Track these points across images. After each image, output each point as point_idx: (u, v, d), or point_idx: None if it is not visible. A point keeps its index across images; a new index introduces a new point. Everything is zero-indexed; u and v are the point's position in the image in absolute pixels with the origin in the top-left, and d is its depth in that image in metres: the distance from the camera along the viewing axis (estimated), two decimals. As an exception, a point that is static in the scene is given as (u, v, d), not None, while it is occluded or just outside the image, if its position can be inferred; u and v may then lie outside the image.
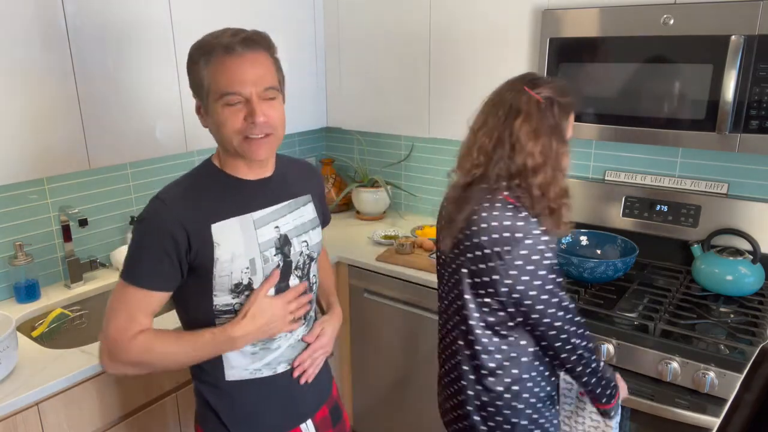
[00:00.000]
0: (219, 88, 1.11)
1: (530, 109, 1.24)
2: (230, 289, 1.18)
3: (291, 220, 1.27)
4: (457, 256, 1.30)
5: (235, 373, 1.23)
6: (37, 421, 1.44)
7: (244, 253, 1.18)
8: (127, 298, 1.14)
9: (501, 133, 1.25)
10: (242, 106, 1.12)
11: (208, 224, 1.15)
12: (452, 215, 1.31)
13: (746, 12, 1.51)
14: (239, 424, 1.25)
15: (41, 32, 1.56)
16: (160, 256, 1.12)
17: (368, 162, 2.89)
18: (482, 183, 1.28)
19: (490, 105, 1.31)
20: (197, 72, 1.14)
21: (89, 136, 1.71)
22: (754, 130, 1.57)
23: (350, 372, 2.45)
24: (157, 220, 1.13)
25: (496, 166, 1.25)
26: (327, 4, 2.40)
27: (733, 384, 1.51)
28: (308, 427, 1.33)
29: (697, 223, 1.99)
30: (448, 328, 1.40)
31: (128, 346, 1.13)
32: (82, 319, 1.93)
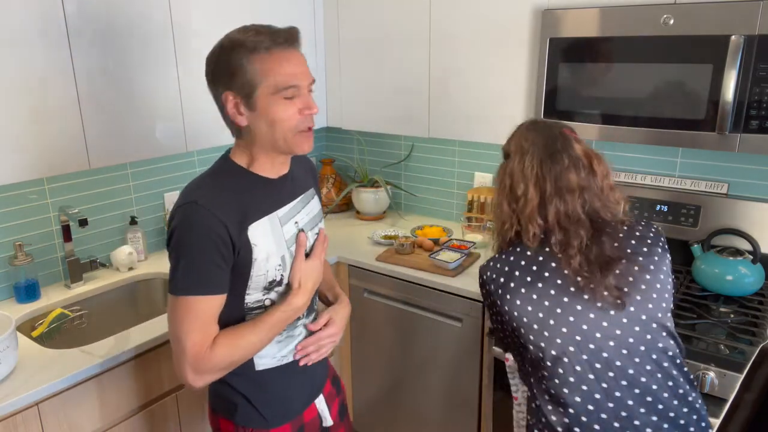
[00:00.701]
0: (277, 82, 1.12)
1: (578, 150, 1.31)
2: (264, 286, 1.22)
3: (305, 214, 1.32)
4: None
5: (264, 362, 1.28)
6: (37, 421, 1.44)
7: (276, 251, 1.21)
8: (196, 310, 1.13)
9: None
10: (297, 99, 1.15)
11: (245, 226, 1.17)
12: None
13: (746, 12, 1.51)
14: (269, 408, 1.30)
15: (41, 32, 1.56)
16: (217, 260, 1.13)
17: (368, 162, 2.89)
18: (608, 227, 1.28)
19: (557, 166, 1.28)
20: (240, 69, 1.13)
21: (89, 136, 1.71)
22: (754, 130, 1.57)
23: (350, 372, 2.45)
24: (205, 226, 1.12)
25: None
26: (327, 4, 2.40)
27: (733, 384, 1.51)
28: (321, 401, 1.42)
29: (697, 223, 1.99)
30: None
31: (212, 356, 1.14)
32: (82, 319, 1.93)
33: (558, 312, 1.20)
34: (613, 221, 1.28)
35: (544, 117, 1.90)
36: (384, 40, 2.29)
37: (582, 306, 1.20)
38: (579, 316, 1.20)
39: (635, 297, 1.20)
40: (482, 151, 2.52)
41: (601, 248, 1.23)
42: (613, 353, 1.18)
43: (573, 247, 1.22)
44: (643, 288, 1.21)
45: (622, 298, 1.19)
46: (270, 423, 1.30)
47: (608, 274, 1.20)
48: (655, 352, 1.20)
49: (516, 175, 1.29)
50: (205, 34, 1.97)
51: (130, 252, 2.11)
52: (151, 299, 2.15)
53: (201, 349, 1.13)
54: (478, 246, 2.29)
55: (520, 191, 1.27)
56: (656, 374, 1.19)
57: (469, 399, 2.09)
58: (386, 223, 2.71)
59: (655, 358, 1.19)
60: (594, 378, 1.18)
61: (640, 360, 1.19)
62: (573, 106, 1.84)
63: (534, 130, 1.32)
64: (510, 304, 1.23)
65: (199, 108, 2.00)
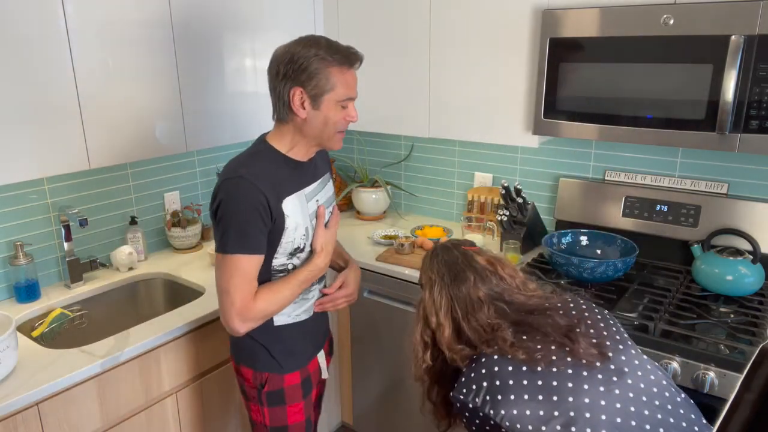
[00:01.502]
0: (345, 93, 1.40)
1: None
2: (290, 252, 1.47)
3: (324, 194, 1.57)
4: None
5: (281, 319, 1.53)
6: (37, 421, 1.44)
7: (302, 222, 1.46)
8: (243, 268, 1.37)
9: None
10: (348, 108, 1.43)
11: (281, 199, 1.41)
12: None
13: (746, 12, 1.51)
14: (284, 357, 1.55)
15: (41, 32, 1.56)
16: (260, 225, 1.37)
17: (368, 162, 2.89)
18: None
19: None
20: (326, 71, 1.37)
21: (89, 136, 1.71)
22: (754, 130, 1.56)
23: (350, 372, 2.45)
24: (250, 195, 1.35)
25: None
26: (327, 4, 2.40)
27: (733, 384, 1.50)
28: (322, 356, 1.69)
29: (697, 223, 2.00)
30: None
31: (255, 306, 1.39)
32: (82, 319, 1.93)
33: (555, 400, 1.10)
34: (544, 304, 1.29)
35: (544, 117, 1.90)
36: (384, 40, 2.29)
37: (573, 382, 1.12)
38: (577, 393, 1.11)
39: (612, 346, 1.18)
40: (482, 151, 2.52)
41: (552, 323, 1.21)
42: (636, 412, 1.10)
43: (504, 346, 1.18)
44: (610, 333, 1.22)
45: (602, 351, 1.16)
46: (284, 369, 1.55)
47: (576, 337, 1.17)
48: (663, 387, 1.18)
49: (428, 307, 1.32)
50: (206, 34, 1.97)
51: (130, 252, 2.11)
52: (151, 299, 2.15)
53: (247, 301, 1.38)
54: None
55: (433, 323, 1.30)
56: (675, 409, 1.14)
57: (469, 399, 2.09)
58: (386, 223, 2.71)
59: (666, 394, 1.16)
60: None
61: (659, 402, 1.13)
62: (573, 106, 1.84)
63: (436, 257, 1.37)
64: (506, 407, 1.11)
65: (199, 108, 2.00)
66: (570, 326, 1.21)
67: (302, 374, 1.59)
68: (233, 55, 2.06)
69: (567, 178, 2.26)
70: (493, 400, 1.13)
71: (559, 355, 1.15)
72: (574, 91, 1.82)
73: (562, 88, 1.84)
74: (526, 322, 1.23)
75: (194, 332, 1.78)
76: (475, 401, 1.15)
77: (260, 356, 1.54)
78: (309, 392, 1.62)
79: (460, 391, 1.19)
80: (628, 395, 1.12)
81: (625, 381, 1.14)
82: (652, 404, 1.13)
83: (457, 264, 1.33)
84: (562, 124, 1.87)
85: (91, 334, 1.86)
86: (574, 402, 1.10)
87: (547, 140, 2.24)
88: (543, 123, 1.91)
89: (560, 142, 2.28)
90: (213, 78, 2.02)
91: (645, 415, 1.11)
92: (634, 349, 1.23)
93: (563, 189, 2.27)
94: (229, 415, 1.98)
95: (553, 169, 2.34)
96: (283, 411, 1.57)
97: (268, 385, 1.54)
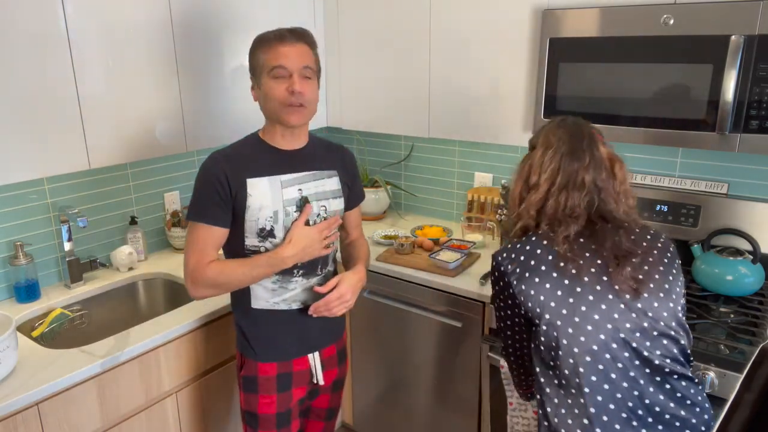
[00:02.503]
0: (270, 63, 1.44)
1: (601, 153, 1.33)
2: (257, 232, 1.49)
3: (313, 186, 1.56)
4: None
5: (258, 303, 1.56)
6: (37, 421, 1.44)
7: (270, 205, 1.48)
8: (197, 235, 1.47)
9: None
10: (285, 80, 1.44)
11: (244, 178, 1.47)
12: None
13: (746, 12, 1.51)
14: (259, 343, 1.57)
15: (41, 32, 1.56)
16: (215, 197, 1.44)
17: (368, 162, 2.89)
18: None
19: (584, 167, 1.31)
20: (255, 55, 1.49)
21: (89, 136, 1.71)
22: (754, 130, 1.56)
23: (350, 372, 2.45)
24: (209, 170, 1.46)
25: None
26: (327, 4, 2.40)
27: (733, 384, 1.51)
28: (314, 358, 1.63)
29: (697, 223, 1.99)
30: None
31: (205, 272, 1.45)
32: (82, 319, 1.93)
33: (571, 302, 1.21)
34: (627, 221, 1.30)
35: (544, 117, 1.90)
36: (384, 41, 2.29)
37: (594, 296, 1.21)
38: (592, 307, 1.20)
39: (649, 286, 1.22)
40: (482, 151, 2.52)
41: (616, 241, 1.25)
42: (629, 341, 1.19)
43: (559, 235, 1.25)
44: (657, 278, 1.23)
45: (638, 287, 1.21)
46: (258, 356, 1.56)
47: (625, 264, 1.22)
48: (664, 341, 1.21)
49: (535, 165, 1.34)
50: (206, 34, 1.97)
51: (130, 252, 2.11)
52: (151, 299, 2.15)
53: (198, 265, 1.46)
54: (478, 246, 2.29)
55: (533, 181, 1.33)
56: (666, 361, 1.21)
57: (469, 398, 2.09)
58: (386, 223, 2.71)
59: (665, 344, 1.21)
60: (615, 372, 1.18)
61: (651, 344, 1.20)
62: (573, 106, 1.84)
63: (563, 127, 1.36)
64: (527, 284, 1.25)
65: (199, 108, 2.00)
66: (628, 252, 1.24)
67: (280, 368, 1.58)
68: (233, 55, 2.06)
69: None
70: (521, 274, 1.26)
71: (597, 271, 1.22)
72: (574, 91, 1.82)
73: (562, 88, 1.84)
74: (596, 227, 1.27)
75: (194, 332, 1.78)
76: (508, 267, 1.28)
77: (239, 337, 1.60)
78: (287, 389, 1.59)
79: (501, 254, 1.31)
80: (635, 334, 1.19)
81: (642, 323, 1.20)
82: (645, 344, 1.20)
83: (581, 140, 1.32)
84: (562, 124, 1.87)
85: (91, 334, 1.86)
86: (585, 312, 1.20)
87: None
88: (543, 123, 1.91)
89: (560, 142, 2.28)
90: (213, 78, 2.02)
91: (636, 363, 1.19)
92: (672, 304, 1.23)
93: (563, 189, 2.26)
94: (229, 415, 1.98)
95: (553, 169, 2.34)
96: (255, 399, 1.58)
97: (244, 369, 1.59)
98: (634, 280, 1.21)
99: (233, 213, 1.48)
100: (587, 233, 1.27)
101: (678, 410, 1.19)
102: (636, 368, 1.19)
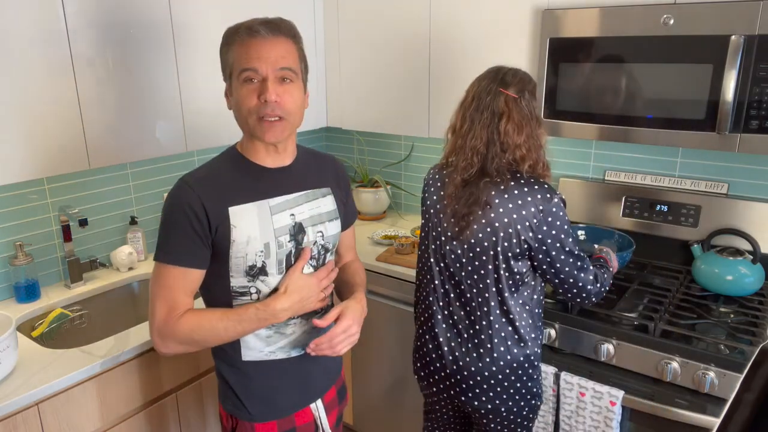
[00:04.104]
0: (239, 65, 1.17)
1: (510, 108, 1.42)
2: (245, 271, 1.23)
3: (307, 209, 1.30)
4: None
5: (250, 354, 1.29)
6: (37, 421, 1.44)
7: (259, 237, 1.22)
8: (166, 279, 1.19)
9: (490, 135, 1.43)
10: (259, 85, 1.17)
11: (225, 206, 1.20)
12: (464, 210, 1.46)
13: (746, 12, 1.51)
14: (254, 401, 1.30)
15: (42, 32, 1.56)
16: (189, 232, 1.17)
17: (368, 162, 2.89)
18: (485, 178, 1.44)
19: (472, 109, 1.47)
20: (224, 53, 1.22)
21: (89, 136, 1.71)
22: (754, 130, 1.56)
23: (350, 372, 2.45)
24: (179, 199, 1.19)
25: (493, 163, 1.43)
26: (327, 4, 2.40)
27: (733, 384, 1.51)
28: (318, 407, 1.39)
29: (697, 223, 1.99)
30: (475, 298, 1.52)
31: (176, 326, 1.18)
32: (82, 319, 1.93)
33: (436, 221, 1.55)
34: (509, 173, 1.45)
35: (544, 117, 1.90)
36: (384, 40, 2.29)
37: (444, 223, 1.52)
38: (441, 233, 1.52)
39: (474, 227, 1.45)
40: (482, 151, 2.52)
41: (476, 190, 1.44)
42: (453, 269, 1.51)
43: (457, 172, 1.47)
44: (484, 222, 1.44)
45: (462, 230, 1.47)
46: (254, 417, 1.30)
47: (468, 210, 1.45)
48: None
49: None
50: (205, 34, 1.97)
51: (130, 252, 2.11)
52: (151, 299, 2.15)
53: (168, 318, 1.18)
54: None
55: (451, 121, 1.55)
56: (482, 293, 1.47)
57: (469, 399, 2.09)
58: (386, 223, 2.71)
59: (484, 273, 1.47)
60: (442, 289, 1.54)
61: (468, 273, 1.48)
62: (573, 106, 1.84)
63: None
64: (427, 198, 1.60)
65: (199, 108, 2.00)
66: (474, 203, 1.45)
67: (282, 427, 1.32)
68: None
69: (567, 178, 2.26)
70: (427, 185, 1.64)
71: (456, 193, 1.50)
72: (574, 91, 1.82)
73: (562, 88, 1.84)
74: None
75: (194, 332, 1.78)
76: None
77: (228, 395, 1.32)
78: None
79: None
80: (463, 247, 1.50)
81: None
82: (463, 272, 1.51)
83: (489, 94, 1.45)
84: (562, 124, 1.88)
85: (91, 334, 1.86)
86: (432, 213, 1.58)
87: (547, 140, 2.24)
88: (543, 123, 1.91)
89: (560, 142, 2.28)
90: (213, 78, 2.02)
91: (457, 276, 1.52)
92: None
93: (563, 189, 2.27)
94: (229, 415, 1.98)
95: (553, 169, 2.32)
96: None
97: (238, 431, 1.33)
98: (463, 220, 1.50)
99: (214, 250, 1.21)
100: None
101: None
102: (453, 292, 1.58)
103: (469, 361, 1.50)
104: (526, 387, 1.52)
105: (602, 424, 1.66)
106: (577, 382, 1.67)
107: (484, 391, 1.51)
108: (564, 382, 1.69)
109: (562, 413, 1.74)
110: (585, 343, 1.73)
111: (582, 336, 1.73)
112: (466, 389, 1.53)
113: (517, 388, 1.51)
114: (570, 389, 1.69)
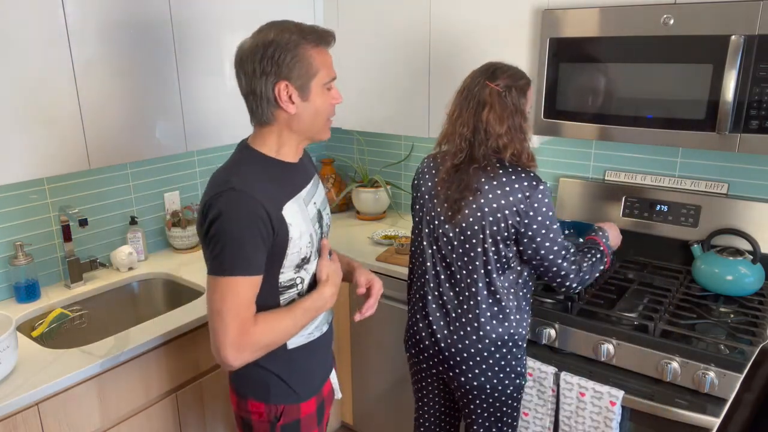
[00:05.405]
0: (329, 74, 1.26)
1: (493, 100, 1.51)
2: (297, 264, 1.30)
3: (318, 195, 1.41)
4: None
5: (296, 340, 1.36)
6: (37, 421, 1.44)
7: (306, 229, 1.30)
8: (240, 291, 1.19)
9: (476, 123, 1.52)
10: (332, 91, 1.30)
11: (280, 207, 1.24)
12: (456, 195, 1.55)
13: (746, 12, 1.51)
14: (299, 383, 1.38)
15: (42, 32, 1.56)
16: (258, 242, 1.19)
17: (368, 162, 2.89)
18: (473, 164, 1.53)
19: (462, 98, 1.57)
20: (307, 55, 1.22)
21: (89, 136, 1.71)
22: (754, 130, 1.56)
23: (350, 372, 2.45)
24: (248, 208, 1.18)
25: (480, 149, 1.52)
26: (327, 4, 2.40)
27: (733, 384, 1.51)
28: (334, 375, 1.55)
29: (697, 223, 1.99)
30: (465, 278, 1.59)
31: (253, 336, 1.20)
32: (82, 319, 1.93)
33: (430, 206, 1.63)
34: (494, 160, 1.52)
35: (544, 117, 1.90)
36: (384, 40, 2.29)
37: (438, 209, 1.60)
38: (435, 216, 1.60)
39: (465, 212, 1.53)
40: (482, 151, 2.52)
41: (466, 176, 1.52)
42: (444, 251, 1.59)
43: (447, 161, 1.57)
44: (474, 207, 1.51)
45: (454, 214, 1.55)
46: (301, 397, 1.39)
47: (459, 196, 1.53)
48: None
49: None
50: (206, 33, 1.97)
51: (130, 252, 2.11)
52: (151, 299, 2.15)
53: (246, 328, 1.19)
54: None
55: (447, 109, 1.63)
56: (471, 275, 1.55)
57: (469, 399, 2.09)
58: (386, 223, 2.71)
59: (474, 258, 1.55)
60: (434, 269, 1.62)
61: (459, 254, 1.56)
62: (573, 106, 1.84)
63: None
64: (421, 185, 1.69)
65: (199, 108, 2.00)
66: (465, 188, 1.53)
67: (317, 400, 1.44)
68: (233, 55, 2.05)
69: (567, 178, 2.26)
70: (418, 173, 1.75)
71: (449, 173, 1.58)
72: (574, 91, 1.82)
73: (562, 88, 1.84)
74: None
75: (194, 332, 1.78)
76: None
77: (274, 387, 1.36)
78: (323, 419, 1.48)
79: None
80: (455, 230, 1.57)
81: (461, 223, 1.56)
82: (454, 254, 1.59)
83: (475, 87, 1.55)
84: (562, 124, 1.88)
85: (91, 334, 1.86)
86: (423, 205, 1.67)
87: (547, 140, 2.24)
88: (543, 123, 1.91)
89: (560, 142, 2.28)
90: (213, 78, 2.02)
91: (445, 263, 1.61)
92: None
93: (563, 189, 2.27)
94: (229, 415, 1.98)
95: (553, 169, 2.34)
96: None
97: (284, 417, 1.37)
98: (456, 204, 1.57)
99: (272, 250, 1.24)
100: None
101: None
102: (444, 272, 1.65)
103: (457, 339, 1.59)
104: (510, 365, 1.60)
105: (602, 424, 1.66)
106: (576, 382, 1.67)
107: (470, 368, 1.59)
108: (564, 382, 1.70)
109: (562, 413, 1.74)
110: (585, 343, 1.73)
111: (582, 336, 1.73)
112: (454, 365, 1.61)
113: (502, 366, 1.58)
114: (570, 389, 1.69)
